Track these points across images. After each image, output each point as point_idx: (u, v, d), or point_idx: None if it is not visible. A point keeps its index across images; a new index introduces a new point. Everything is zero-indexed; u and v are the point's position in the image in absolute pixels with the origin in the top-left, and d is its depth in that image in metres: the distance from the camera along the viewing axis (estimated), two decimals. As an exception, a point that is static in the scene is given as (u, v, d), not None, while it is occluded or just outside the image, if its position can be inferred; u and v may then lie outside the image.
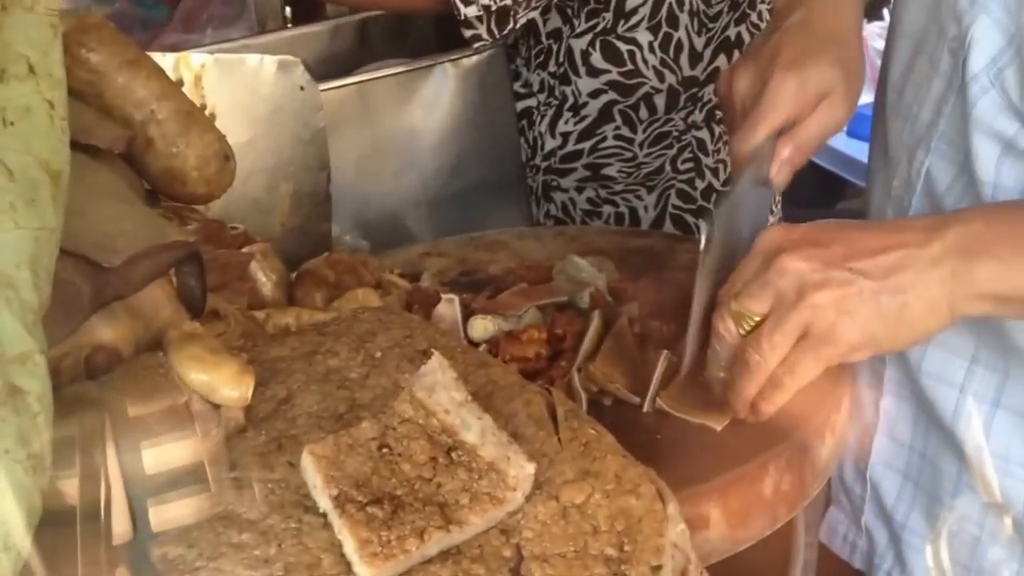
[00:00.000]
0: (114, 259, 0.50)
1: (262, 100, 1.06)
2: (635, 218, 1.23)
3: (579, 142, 1.22)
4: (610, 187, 1.22)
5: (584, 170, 1.23)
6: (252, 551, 0.43)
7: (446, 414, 0.46)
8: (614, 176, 1.21)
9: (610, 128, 1.20)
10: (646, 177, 1.22)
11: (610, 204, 1.23)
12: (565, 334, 0.79)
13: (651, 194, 1.22)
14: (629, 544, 0.44)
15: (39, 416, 0.40)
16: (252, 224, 0.99)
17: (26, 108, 0.44)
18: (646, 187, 1.22)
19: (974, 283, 0.58)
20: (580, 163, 1.23)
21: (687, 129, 1.21)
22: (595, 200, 1.23)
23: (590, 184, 1.23)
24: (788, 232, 0.62)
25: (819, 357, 0.62)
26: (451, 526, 0.44)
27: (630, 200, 1.22)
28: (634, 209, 1.23)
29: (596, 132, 1.21)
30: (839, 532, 0.89)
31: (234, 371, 0.49)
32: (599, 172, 1.22)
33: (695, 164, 1.22)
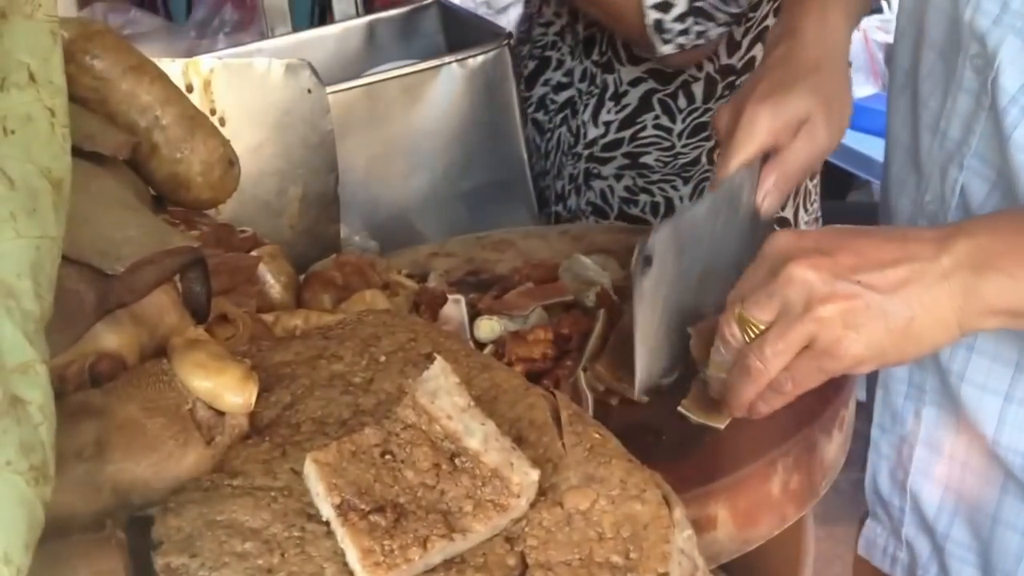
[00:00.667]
0: (118, 266, 0.50)
1: (270, 104, 1.06)
2: (670, 208, 1.23)
3: (620, 131, 1.23)
4: (647, 176, 1.23)
5: (623, 159, 1.23)
6: (255, 560, 0.43)
7: (449, 420, 0.46)
8: (651, 165, 1.22)
9: (650, 117, 1.21)
10: (683, 168, 1.22)
11: (646, 193, 1.24)
12: (571, 334, 0.78)
13: (687, 185, 1.22)
14: (635, 551, 0.44)
15: (41, 426, 0.40)
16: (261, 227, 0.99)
17: (27, 116, 0.44)
18: (682, 177, 1.22)
19: (983, 298, 0.58)
20: (620, 151, 1.23)
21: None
22: (632, 188, 1.24)
23: (628, 172, 1.24)
24: (797, 239, 0.62)
25: (822, 369, 0.62)
26: (454, 534, 0.43)
27: (666, 190, 1.23)
28: (670, 199, 1.23)
29: (636, 121, 1.22)
30: (878, 545, 0.89)
31: (238, 377, 0.49)
32: (637, 161, 1.23)
33: None
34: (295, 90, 1.07)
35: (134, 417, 0.47)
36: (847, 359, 0.61)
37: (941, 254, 0.58)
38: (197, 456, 0.47)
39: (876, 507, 0.88)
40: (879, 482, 0.87)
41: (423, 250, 1.11)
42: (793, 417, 0.75)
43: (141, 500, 0.47)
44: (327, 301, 0.87)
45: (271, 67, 1.06)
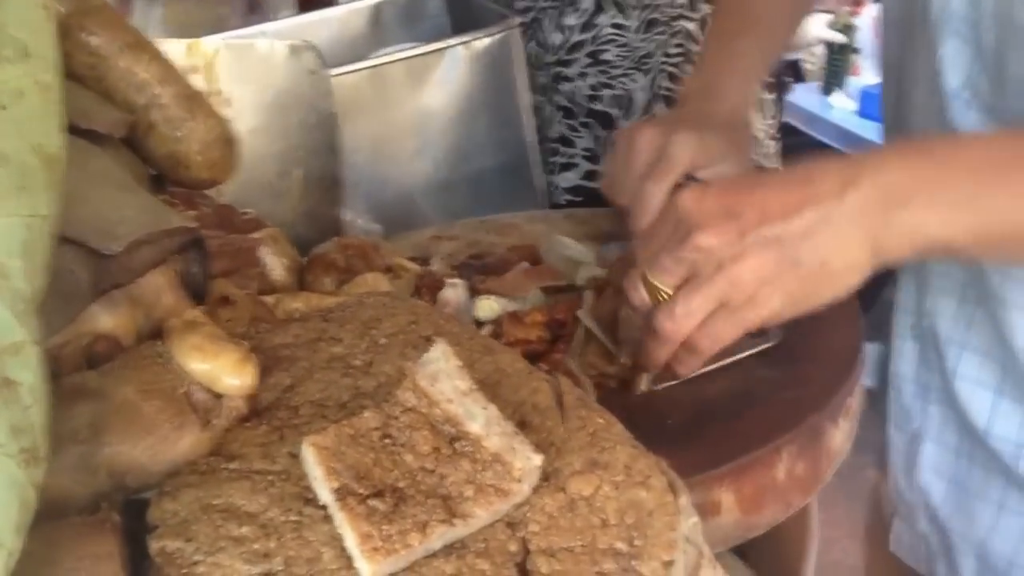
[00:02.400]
0: (114, 246, 0.49)
1: (273, 85, 1.06)
2: (630, 99, 1.37)
3: (581, 33, 1.36)
4: (609, 72, 1.36)
5: (586, 58, 1.36)
6: (251, 545, 0.42)
7: (449, 403, 0.45)
8: (612, 60, 1.35)
9: (606, 17, 1.36)
10: (639, 61, 1.36)
11: (608, 88, 1.37)
12: (565, 319, 0.78)
13: (645, 77, 1.36)
14: (639, 538, 0.43)
15: (32, 408, 0.39)
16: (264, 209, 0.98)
17: (19, 91, 0.43)
18: (640, 70, 1.36)
19: (895, 234, 0.58)
20: (583, 52, 1.37)
21: (677, 17, 1.36)
22: (596, 86, 1.37)
23: (591, 71, 1.36)
24: (700, 200, 0.61)
25: (738, 323, 0.62)
26: (455, 520, 0.43)
27: (625, 83, 1.36)
28: (629, 91, 1.37)
29: (595, 23, 1.36)
30: (904, 542, 0.88)
31: (235, 359, 0.48)
32: (599, 58, 1.36)
33: (684, 49, 1.37)
34: (298, 72, 1.06)
35: (130, 400, 0.46)
36: (764, 310, 0.61)
37: (847, 192, 0.57)
38: (193, 439, 0.46)
39: (899, 504, 0.88)
40: (898, 480, 0.87)
41: (426, 233, 1.10)
42: (799, 405, 0.74)
43: (137, 483, 0.46)
44: (329, 284, 0.86)
45: (274, 48, 1.05)
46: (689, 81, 0.94)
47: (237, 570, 0.41)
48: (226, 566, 0.41)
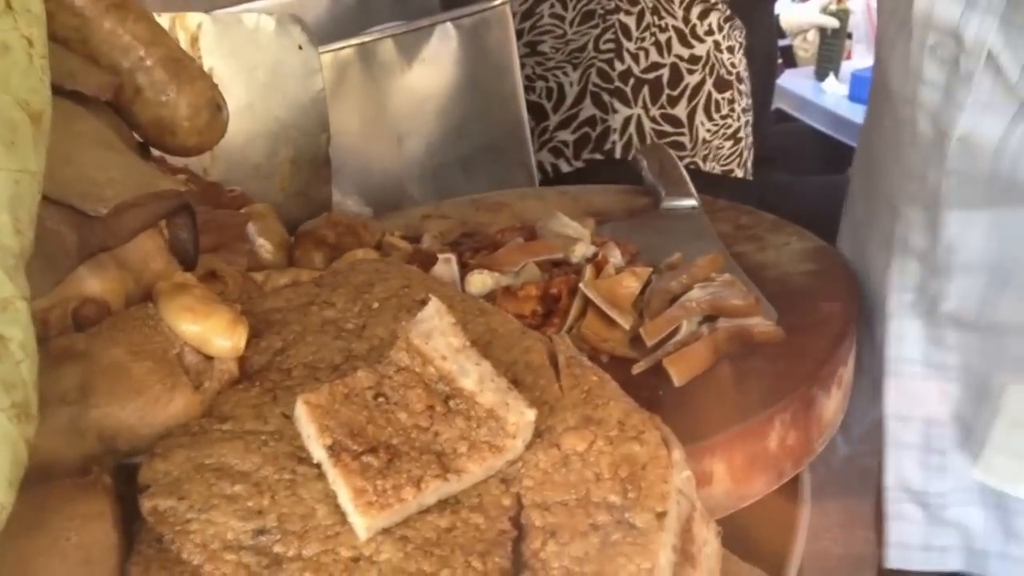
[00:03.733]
0: (101, 208, 0.48)
1: (260, 60, 1.04)
2: (561, 92, 1.37)
3: (521, 22, 1.37)
4: (544, 63, 1.37)
5: (524, 47, 1.37)
6: (245, 502, 0.42)
7: (443, 360, 0.45)
8: (547, 52, 1.36)
9: (546, 6, 1.36)
10: (572, 54, 1.35)
11: (542, 79, 1.37)
12: (560, 293, 0.78)
13: (576, 71, 1.35)
14: (633, 491, 0.43)
15: (22, 363, 0.38)
16: (252, 189, 0.97)
17: (4, 45, 0.42)
18: (572, 64, 1.36)
19: None
20: (521, 41, 1.36)
21: (613, 11, 1.34)
22: (531, 76, 1.38)
23: (528, 60, 1.37)
24: None
25: None
26: (449, 475, 0.42)
27: (558, 76, 1.36)
28: (561, 84, 1.36)
29: (535, 11, 1.37)
30: (914, 545, 0.86)
31: (227, 321, 0.48)
32: (536, 48, 1.36)
33: (616, 46, 1.35)
34: (286, 47, 1.04)
35: (119, 361, 0.45)
36: None
37: None
38: (185, 401, 0.46)
39: (903, 504, 0.84)
40: (913, 473, 0.83)
41: (416, 212, 1.10)
42: (792, 375, 0.74)
43: (127, 446, 0.45)
44: (319, 260, 0.86)
45: (261, 22, 1.04)
46: None
47: (231, 527, 0.41)
48: (220, 523, 0.41)
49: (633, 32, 1.35)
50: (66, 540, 0.39)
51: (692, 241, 0.91)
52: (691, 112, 1.39)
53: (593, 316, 0.76)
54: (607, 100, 1.36)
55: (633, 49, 1.36)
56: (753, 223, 0.97)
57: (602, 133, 1.36)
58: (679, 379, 0.71)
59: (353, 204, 1.19)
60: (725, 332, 0.74)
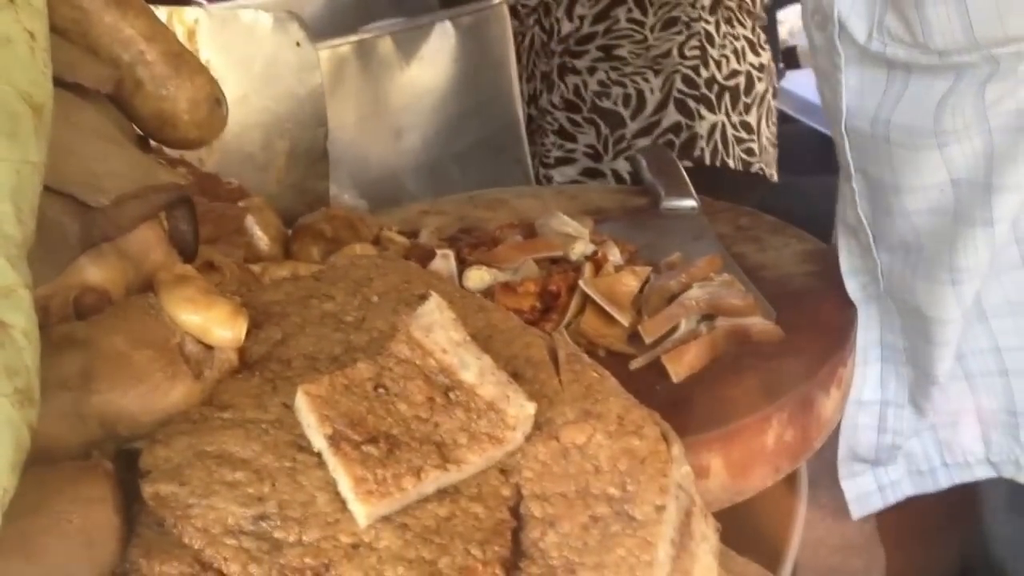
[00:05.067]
0: (102, 198, 0.48)
1: (257, 56, 1.04)
2: (641, 99, 1.33)
3: (594, 24, 1.32)
4: (620, 68, 1.32)
5: (597, 51, 1.32)
6: (245, 489, 0.42)
7: (444, 354, 0.45)
8: (625, 57, 1.31)
9: (623, 10, 1.32)
10: (654, 60, 1.32)
11: (619, 86, 1.33)
12: (559, 290, 0.78)
13: (657, 77, 1.32)
14: (632, 484, 0.43)
15: (25, 350, 0.39)
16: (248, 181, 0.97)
17: (5, 38, 0.42)
18: (653, 70, 1.32)
19: None
20: (594, 44, 1.32)
21: (696, 19, 1.32)
22: (605, 82, 1.33)
23: (601, 65, 1.32)
24: None
25: None
26: (448, 465, 0.43)
27: (638, 82, 1.32)
28: (641, 91, 1.32)
29: (610, 15, 1.32)
30: (871, 490, 0.88)
31: (227, 311, 0.48)
32: (611, 53, 1.32)
33: (701, 52, 1.32)
34: (283, 43, 1.05)
35: (120, 349, 0.45)
36: None
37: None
38: (185, 389, 0.46)
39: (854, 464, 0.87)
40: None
41: (414, 208, 1.10)
42: (791, 373, 0.75)
43: (128, 433, 0.45)
44: (316, 254, 0.86)
45: (258, 19, 1.04)
46: None
47: (232, 512, 0.41)
48: (220, 509, 0.41)
49: (716, 39, 1.34)
50: (68, 522, 0.39)
51: (691, 241, 0.92)
52: (759, 119, 1.39)
53: (592, 313, 0.76)
54: (693, 107, 1.33)
55: (716, 56, 1.34)
56: (753, 224, 0.98)
57: (688, 140, 1.33)
58: (677, 375, 0.71)
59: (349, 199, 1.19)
60: (723, 331, 0.75)
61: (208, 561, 0.41)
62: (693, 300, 0.75)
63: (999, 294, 0.76)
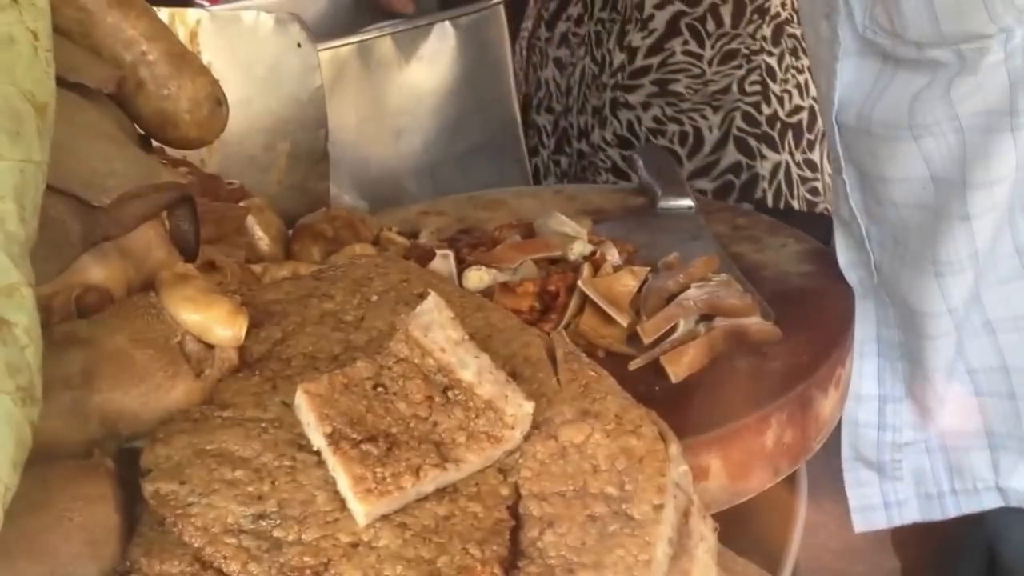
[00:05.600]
0: (104, 198, 0.49)
1: (259, 57, 1.05)
2: (699, 137, 1.24)
3: (647, 57, 1.22)
4: (676, 104, 1.23)
5: (652, 86, 1.23)
6: (245, 487, 0.42)
7: (442, 353, 0.46)
8: (681, 92, 1.22)
9: (678, 42, 1.21)
10: (712, 96, 1.22)
11: (675, 123, 1.23)
12: (558, 290, 0.78)
13: (716, 114, 1.22)
14: (630, 483, 0.43)
15: (27, 348, 0.39)
16: (249, 182, 0.98)
17: (9, 38, 0.43)
18: (712, 106, 1.22)
19: None
20: (648, 79, 1.23)
21: (758, 51, 1.22)
22: (660, 119, 1.24)
23: (656, 101, 1.23)
24: None
25: None
26: (447, 464, 0.43)
27: (695, 119, 1.23)
28: (699, 128, 1.23)
29: (664, 47, 1.22)
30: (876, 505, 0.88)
31: (227, 311, 0.48)
32: (667, 88, 1.22)
33: (763, 88, 1.23)
34: (284, 44, 1.05)
35: (122, 348, 0.46)
36: None
37: None
38: (186, 388, 0.47)
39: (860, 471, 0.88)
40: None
41: (414, 209, 1.10)
42: (789, 373, 0.75)
43: (129, 431, 0.46)
44: (316, 254, 0.86)
45: (259, 20, 1.04)
46: None
47: (232, 511, 0.41)
48: (220, 507, 0.41)
49: (777, 74, 1.23)
50: (69, 520, 0.40)
51: (689, 241, 0.92)
52: (822, 156, 1.27)
53: (590, 313, 0.76)
54: (754, 146, 1.23)
55: (779, 92, 1.24)
56: (750, 224, 0.98)
57: (748, 181, 1.23)
58: (676, 376, 0.72)
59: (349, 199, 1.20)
60: (722, 331, 0.75)
61: (208, 559, 0.41)
62: (691, 300, 0.75)
63: (1004, 308, 0.76)
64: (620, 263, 0.82)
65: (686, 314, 0.75)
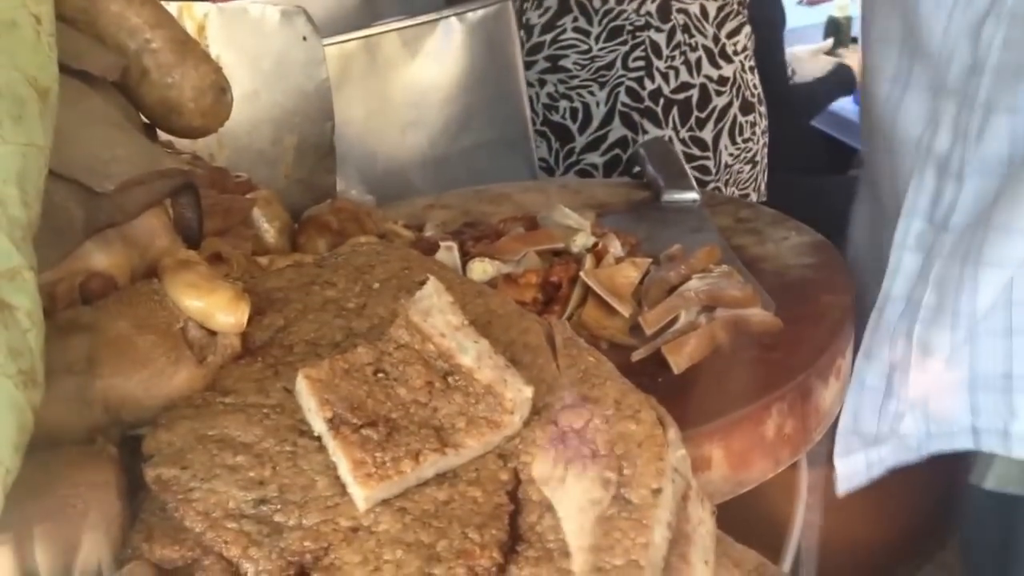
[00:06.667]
0: (107, 184, 0.49)
1: (265, 51, 1.05)
2: (588, 113, 1.31)
3: (542, 34, 1.30)
4: (567, 81, 1.31)
5: (545, 62, 1.31)
6: (247, 472, 0.43)
7: (442, 338, 0.46)
8: (570, 68, 1.30)
9: (569, 19, 1.29)
10: (598, 72, 1.29)
11: (566, 99, 1.31)
12: (561, 281, 0.79)
13: (602, 90, 1.30)
14: (629, 467, 0.43)
15: (29, 332, 0.39)
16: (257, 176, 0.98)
17: (11, 22, 0.43)
18: (598, 82, 1.30)
19: None
20: (542, 55, 1.31)
21: (643, 28, 1.29)
22: (553, 95, 1.32)
23: (549, 77, 1.31)
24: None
25: None
26: (447, 449, 0.43)
27: (583, 95, 1.30)
28: (587, 104, 1.30)
29: (556, 24, 1.30)
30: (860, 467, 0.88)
31: (229, 297, 0.48)
32: (557, 64, 1.30)
33: (646, 64, 1.29)
34: (290, 37, 1.05)
35: (125, 334, 0.46)
36: None
37: None
38: (188, 374, 0.47)
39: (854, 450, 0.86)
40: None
41: (419, 202, 1.11)
42: (790, 364, 0.75)
43: (132, 417, 0.46)
44: (322, 246, 0.87)
45: (266, 13, 1.05)
46: None
47: (233, 496, 0.42)
48: (222, 492, 0.42)
49: (663, 50, 1.29)
50: (72, 507, 0.40)
51: (691, 234, 0.92)
52: (716, 135, 1.34)
53: (593, 304, 0.76)
54: (637, 120, 1.31)
55: (663, 68, 1.30)
56: (753, 217, 0.98)
57: (634, 155, 1.30)
58: (678, 366, 0.72)
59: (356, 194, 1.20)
60: (723, 322, 0.75)
61: (209, 544, 0.41)
62: (693, 291, 0.75)
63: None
64: (622, 255, 0.83)
65: (687, 305, 0.75)
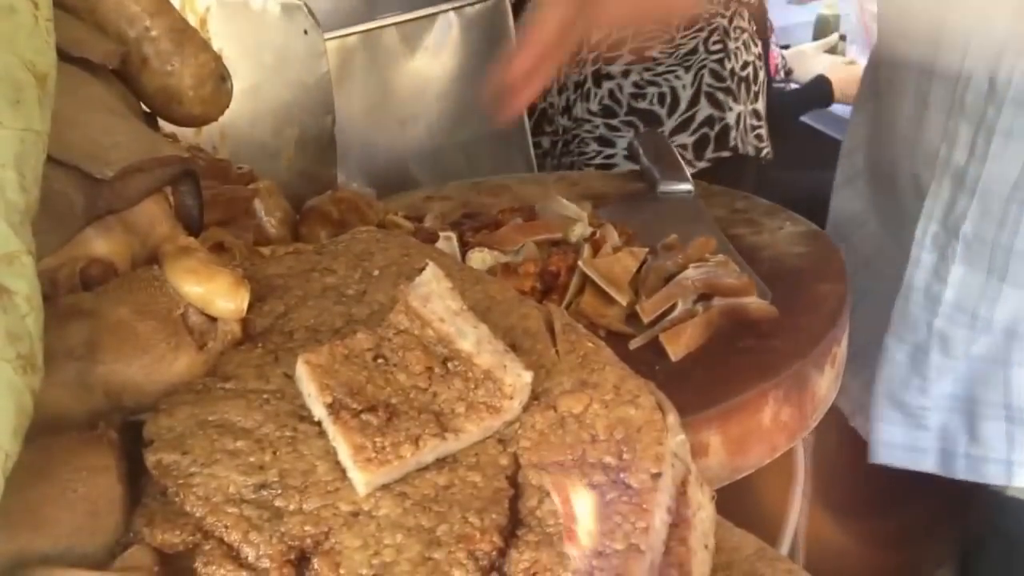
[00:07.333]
0: (107, 171, 0.49)
1: (267, 44, 1.05)
2: (675, 96, 1.39)
3: (623, 28, 1.36)
4: (653, 69, 1.38)
5: (630, 55, 1.39)
6: (247, 458, 0.43)
7: (441, 323, 0.46)
8: (656, 57, 1.38)
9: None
10: (683, 58, 1.38)
11: (653, 85, 1.38)
12: (559, 271, 0.79)
13: (688, 73, 1.38)
14: (628, 452, 0.43)
15: (28, 316, 0.39)
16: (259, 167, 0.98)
17: (9, 7, 0.43)
18: (683, 67, 1.38)
19: None
20: (626, 48, 1.38)
21: (714, 15, 1.39)
22: (639, 83, 1.39)
23: (635, 68, 1.39)
24: None
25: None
26: (447, 434, 0.43)
27: (670, 80, 1.38)
28: (674, 88, 1.38)
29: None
30: (898, 443, 0.89)
31: (229, 283, 0.48)
32: (643, 55, 1.38)
33: (723, 46, 1.39)
34: (291, 30, 1.06)
35: (125, 319, 0.46)
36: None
37: None
38: (189, 360, 0.47)
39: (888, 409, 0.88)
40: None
41: (419, 194, 1.11)
42: (786, 351, 0.75)
43: (133, 403, 0.46)
44: (324, 236, 0.87)
45: (267, 6, 1.05)
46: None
47: (233, 481, 0.42)
48: (222, 477, 0.42)
49: (730, 32, 1.40)
50: (73, 492, 0.40)
51: (687, 224, 0.93)
52: (764, 106, 1.46)
53: (591, 293, 0.77)
54: (722, 99, 1.40)
55: (733, 48, 1.40)
56: (748, 207, 0.99)
57: (721, 132, 1.39)
58: (675, 354, 0.72)
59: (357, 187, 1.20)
60: (719, 310, 0.75)
61: (209, 529, 0.41)
62: (690, 280, 0.76)
63: None
64: (620, 245, 0.83)
65: (684, 294, 0.75)
